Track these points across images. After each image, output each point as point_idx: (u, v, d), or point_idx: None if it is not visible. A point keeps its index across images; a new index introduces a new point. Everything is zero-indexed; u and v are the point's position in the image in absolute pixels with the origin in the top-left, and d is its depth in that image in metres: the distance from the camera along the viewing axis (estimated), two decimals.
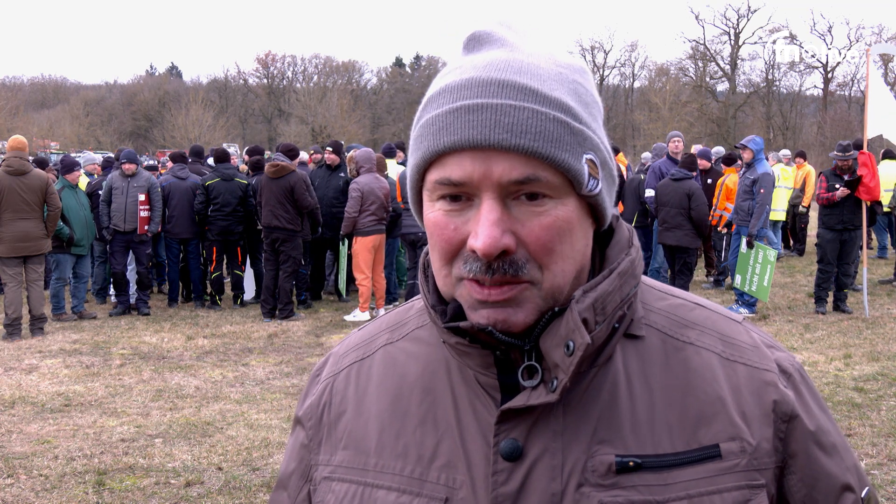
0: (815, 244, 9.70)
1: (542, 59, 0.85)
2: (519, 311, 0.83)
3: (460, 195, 0.82)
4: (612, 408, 0.86)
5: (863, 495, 0.92)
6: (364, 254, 8.90)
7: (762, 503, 0.86)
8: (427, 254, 0.94)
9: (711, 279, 11.30)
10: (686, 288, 9.17)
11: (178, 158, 10.89)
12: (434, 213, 0.85)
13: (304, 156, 11.84)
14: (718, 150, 13.18)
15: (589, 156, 0.83)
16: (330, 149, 10.37)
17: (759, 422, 0.87)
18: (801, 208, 14.27)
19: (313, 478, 0.99)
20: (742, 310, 9.33)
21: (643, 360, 0.89)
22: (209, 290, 10.21)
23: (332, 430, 0.98)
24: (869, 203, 9.02)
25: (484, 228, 0.80)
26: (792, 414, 0.89)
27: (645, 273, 9.99)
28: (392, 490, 0.90)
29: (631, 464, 0.84)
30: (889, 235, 13.90)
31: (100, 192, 9.92)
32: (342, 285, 10.12)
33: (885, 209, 11.55)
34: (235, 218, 9.78)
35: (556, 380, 0.84)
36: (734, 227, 9.59)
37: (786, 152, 15.44)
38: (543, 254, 0.82)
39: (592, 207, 0.87)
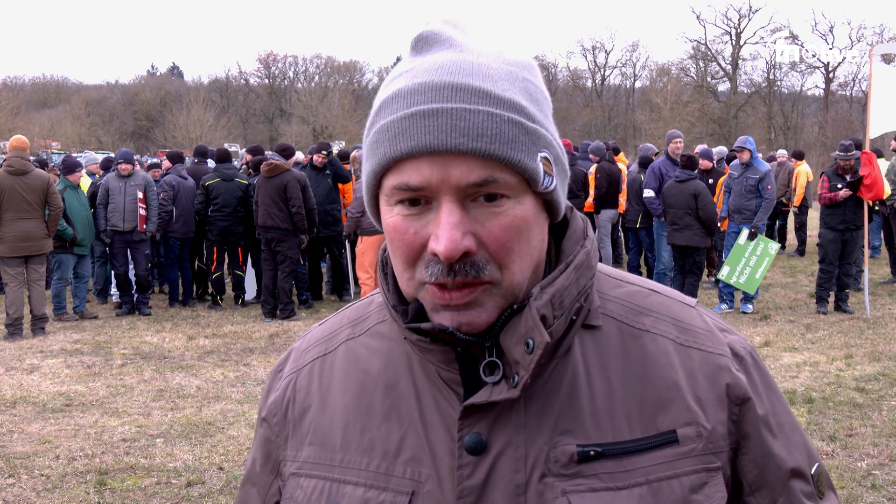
0: (817, 244, 9.69)
1: (491, 58, 0.85)
2: (482, 311, 0.84)
3: (419, 199, 0.83)
4: (572, 399, 0.88)
5: (812, 472, 0.94)
6: (370, 253, 8.90)
7: (718, 485, 0.88)
8: (385, 251, 0.94)
9: (713, 279, 11.29)
10: (696, 286, 9.22)
11: (175, 158, 10.89)
12: (393, 218, 0.85)
13: (299, 155, 11.84)
14: (720, 150, 13.15)
15: (543, 153, 0.84)
16: (322, 150, 10.46)
17: (713, 406, 0.89)
18: (792, 208, 14.26)
19: (282, 472, 0.99)
20: (748, 306, 9.31)
21: (601, 349, 0.91)
22: (210, 290, 10.23)
23: (298, 426, 0.98)
24: (872, 203, 8.99)
25: (444, 231, 0.80)
26: (744, 397, 0.91)
27: (650, 276, 9.77)
28: (359, 485, 0.91)
29: (592, 453, 0.86)
30: (882, 235, 13.81)
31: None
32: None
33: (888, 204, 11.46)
34: (236, 218, 9.79)
35: (517, 375, 0.85)
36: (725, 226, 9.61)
37: (782, 152, 15.47)
38: (503, 253, 0.83)
39: (548, 203, 0.88)
